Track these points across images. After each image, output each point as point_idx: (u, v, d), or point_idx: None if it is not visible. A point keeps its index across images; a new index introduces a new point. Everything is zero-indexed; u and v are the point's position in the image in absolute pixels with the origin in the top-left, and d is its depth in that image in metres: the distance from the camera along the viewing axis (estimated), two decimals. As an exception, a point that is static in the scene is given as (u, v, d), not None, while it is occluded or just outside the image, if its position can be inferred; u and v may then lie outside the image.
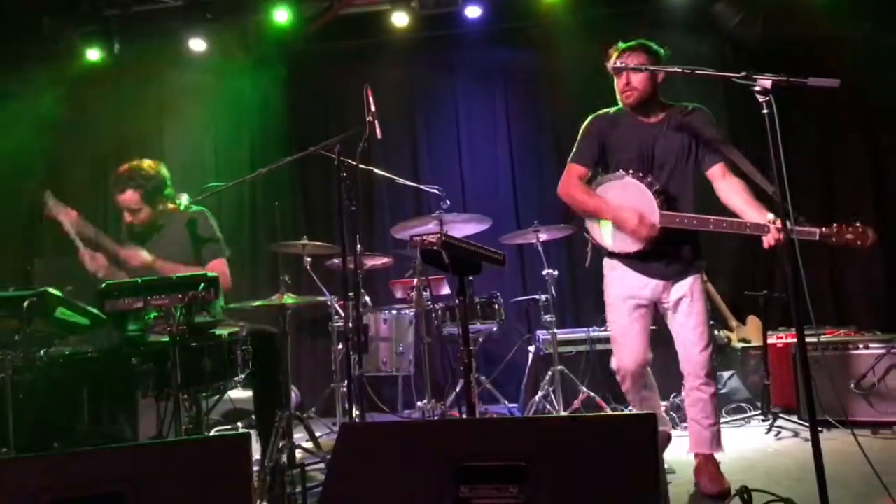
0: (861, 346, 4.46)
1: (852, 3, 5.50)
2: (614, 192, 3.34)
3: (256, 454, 3.69)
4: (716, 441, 3.37)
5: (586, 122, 3.48)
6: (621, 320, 3.40)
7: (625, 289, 3.38)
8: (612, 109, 3.48)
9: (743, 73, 2.73)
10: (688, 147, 3.38)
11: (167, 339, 3.03)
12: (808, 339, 2.58)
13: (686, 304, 3.36)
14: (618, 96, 3.43)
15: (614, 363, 3.45)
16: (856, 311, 5.56)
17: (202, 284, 3.01)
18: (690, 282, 3.36)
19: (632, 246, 3.30)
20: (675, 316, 3.38)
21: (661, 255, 3.31)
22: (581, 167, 3.42)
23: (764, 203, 3.20)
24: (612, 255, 3.40)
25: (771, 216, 3.07)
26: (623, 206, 3.28)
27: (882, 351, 4.34)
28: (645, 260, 3.32)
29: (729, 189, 3.34)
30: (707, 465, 3.35)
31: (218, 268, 3.83)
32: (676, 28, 5.89)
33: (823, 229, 2.96)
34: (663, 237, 3.25)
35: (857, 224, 2.96)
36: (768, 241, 3.05)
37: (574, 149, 3.48)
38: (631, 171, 3.31)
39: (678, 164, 3.35)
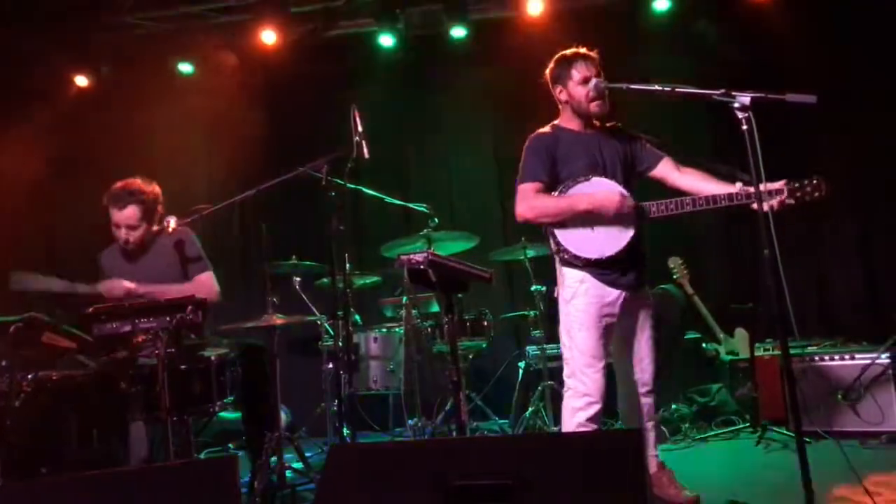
0: (847, 356, 4.48)
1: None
2: (584, 191, 3.28)
3: (246, 476, 3.68)
4: (655, 443, 3.45)
5: (529, 142, 3.40)
6: (595, 340, 3.25)
7: (597, 304, 3.26)
8: (546, 128, 3.44)
9: (722, 91, 2.78)
10: (628, 155, 3.40)
11: (155, 362, 3.03)
12: (794, 351, 2.62)
13: (641, 316, 3.38)
14: (582, 104, 3.34)
15: (582, 387, 3.23)
16: (841, 322, 5.59)
17: (189, 307, 3.02)
18: (644, 292, 3.41)
19: (612, 248, 3.21)
20: (630, 328, 3.38)
21: (630, 263, 3.28)
22: (536, 183, 3.30)
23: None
24: (581, 266, 3.28)
25: (739, 184, 3.13)
26: (597, 194, 3.22)
27: (868, 361, 4.36)
28: (614, 270, 3.26)
29: (690, 177, 3.34)
30: (663, 474, 3.36)
31: (205, 281, 3.87)
32: (657, 45, 5.98)
33: (788, 185, 3.05)
34: (634, 245, 3.23)
35: (813, 179, 3.09)
36: (775, 203, 3.04)
37: (522, 170, 3.36)
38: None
39: (624, 172, 3.35)
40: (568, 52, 3.44)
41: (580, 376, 3.25)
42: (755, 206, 3.07)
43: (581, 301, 3.28)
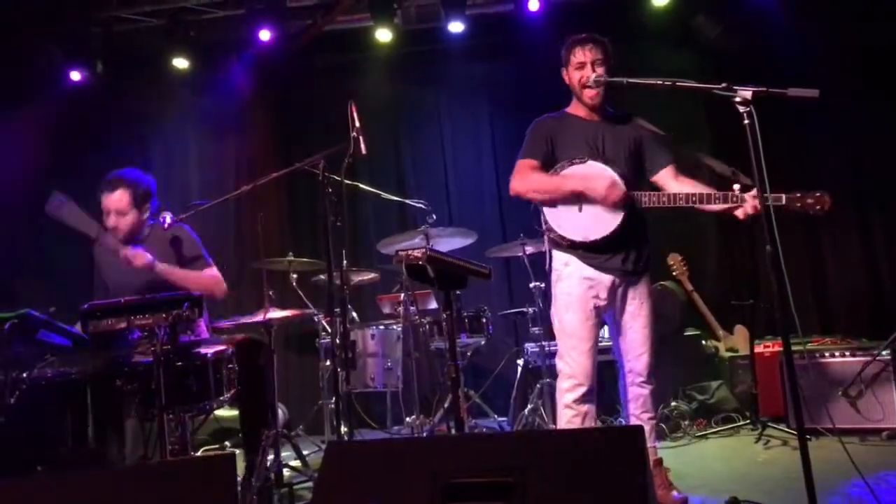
0: (847, 353, 4.47)
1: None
2: (577, 172, 3.28)
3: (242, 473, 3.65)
4: (654, 435, 3.41)
5: (533, 124, 3.44)
6: (581, 322, 3.27)
7: (582, 286, 3.27)
8: (555, 113, 3.47)
9: (723, 85, 2.75)
10: (634, 149, 3.38)
11: (151, 359, 3.00)
12: (794, 348, 2.59)
13: (636, 304, 3.33)
14: (576, 90, 3.36)
15: (568, 369, 3.27)
16: (841, 318, 5.58)
17: (186, 303, 2.99)
18: (644, 281, 3.36)
19: (597, 231, 3.21)
20: (623, 315, 3.34)
21: (619, 248, 3.26)
22: (533, 160, 3.33)
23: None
24: (569, 248, 3.29)
25: (737, 187, 3.13)
26: (588, 174, 3.24)
27: (868, 358, 4.35)
28: (604, 253, 3.26)
29: (686, 188, 3.32)
30: (658, 472, 3.33)
31: (213, 276, 3.83)
32: (656, 40, 5.95)
33: (789, 194, 3.02)
34: (622, 230, 3.22)
35: (817, 192, 3.05)
36: (745, 210, 3.08)
37: (522, 147, 3.40)
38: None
39: (627, 164, 3.33)
40: (575, 36, 3.43)
41: (566, 358, 3.29)
42: (738, 213, 3.13)
43: (566, 284, 3.31)
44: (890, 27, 5.45)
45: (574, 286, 3.29)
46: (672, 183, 3.37)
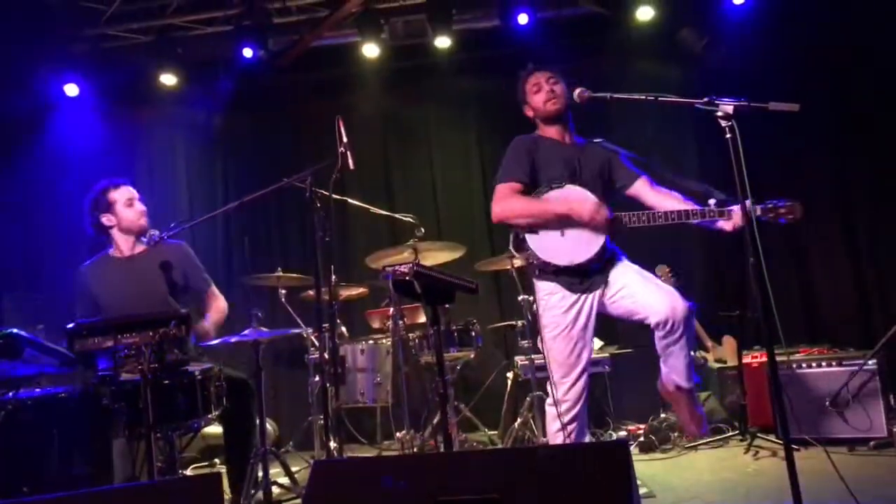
0: (834, 363, 4.49)
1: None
2: (558, 196, 3.29)
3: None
4: (692, 368, 3.36)
5: (512, 144, 3.43)
6: (570, 350, 3.28)
7: (570, 315, 3.28)
8: (529, 136, 3.49)
9: (705, 99, 2.79)
10: (605, 170, 3.43)
11: (139, 378, 2.99)
12: (780, 359, 2.61)
13: (632, 280, 3.30)
14: (540, 110, 3.42)
15: (560, 395, 3.27)
16: (828, 328, 5.60)
17: (173, 321, 2.98)
18: (621, 266, 3.35)
19: (581, 255, 3.23)
20: (625, 296, 3.28)
21: (597, 267, 3.29)
22: (515, 183, 3.30)
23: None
24: (552, 275, 3.30)
25: (713, 201, 3.16)
26: (572, 199, 3.24)
27: (855, 368, 4.37)
28: (582, 275, 3.28)
29: (661, 197, 3.36)
30: (681, 395, 3.34)
31: (221, 302, 4.10)
32: (641, 54, 6.00)
33: (762, 206, 3.05)
34: (604, 251, 3.25)
35: (788, 201, 3.08)
36: (734, 222, 3.09)
37: (502, 169, 3.37)
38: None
39: (599, 187, 3.36)
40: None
41: (561, 386, 3.29)
42: (721, 224, 3.16)
43: (552, 314, 3.32)
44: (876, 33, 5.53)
45: (559, 315, 3.29)
46: (649, 194, 3.40)
